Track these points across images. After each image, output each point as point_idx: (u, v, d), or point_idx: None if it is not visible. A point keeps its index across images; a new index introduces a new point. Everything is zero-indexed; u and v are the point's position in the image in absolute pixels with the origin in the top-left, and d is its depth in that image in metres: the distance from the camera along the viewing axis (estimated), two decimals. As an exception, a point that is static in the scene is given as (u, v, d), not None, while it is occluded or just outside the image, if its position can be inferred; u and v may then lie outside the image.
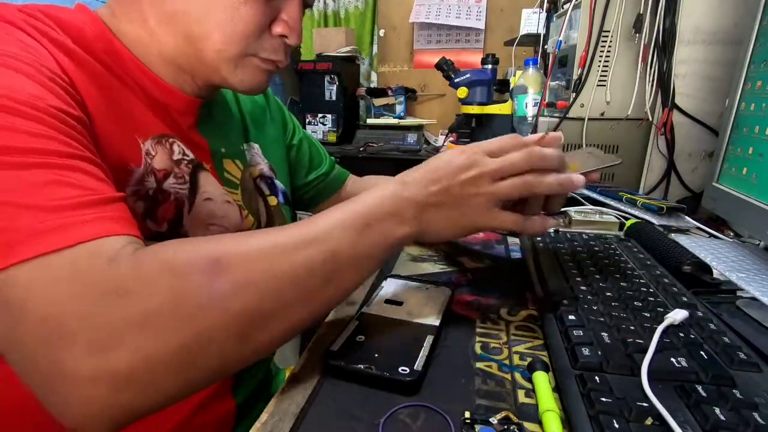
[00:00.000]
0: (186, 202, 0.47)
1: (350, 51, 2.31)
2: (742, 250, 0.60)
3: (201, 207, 0.48)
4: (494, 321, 0.43)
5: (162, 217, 0.45)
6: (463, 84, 1.75)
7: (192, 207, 0.48)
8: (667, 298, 0.42)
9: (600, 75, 0.88)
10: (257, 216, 0.56)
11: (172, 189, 0.46)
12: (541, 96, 1.05)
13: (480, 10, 2.40)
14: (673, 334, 0.36)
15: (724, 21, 0.78)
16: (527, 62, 1.17)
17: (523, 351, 0.38)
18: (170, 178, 0.46)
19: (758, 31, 0.57)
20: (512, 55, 1.58)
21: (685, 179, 0.84)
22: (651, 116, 0.84)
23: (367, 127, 2.31)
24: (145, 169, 0.43)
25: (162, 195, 0.45)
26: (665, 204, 0.71)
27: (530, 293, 0.49)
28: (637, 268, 0.50)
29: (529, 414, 0.31)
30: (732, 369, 0.33)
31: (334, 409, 0.31)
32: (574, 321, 0.38)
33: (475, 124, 1.78)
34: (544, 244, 0.58)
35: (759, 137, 0.55)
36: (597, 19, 0.85)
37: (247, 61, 0.46)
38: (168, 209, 0.45)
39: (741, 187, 0.57)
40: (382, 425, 0.29)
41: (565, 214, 0.77)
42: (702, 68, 0.80)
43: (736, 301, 0.47)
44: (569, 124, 0.91)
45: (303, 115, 2.33)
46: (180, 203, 0.46)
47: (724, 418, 0.27)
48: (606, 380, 0.30)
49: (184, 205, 0.47)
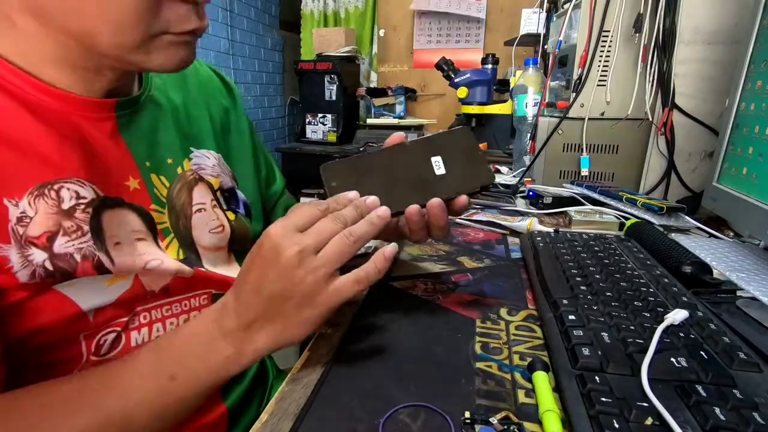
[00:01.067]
0: (100, 255, 0.39)
1: (350, 51, 2.31)
2: (742, 250, 0.60)
3: (117, 252, 0.41)
4: (494, 321, 0.43)
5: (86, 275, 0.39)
6: (463, 84, 1.75)
7: (111, 257, 0.40)
8: (667, 298, 0.42)
9: (600, 75, 0.88)
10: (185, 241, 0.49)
11: (68, 249, 0.37)
12: (541, 96, 1.05)
13: (480, 8, 2.40)
14: (673, 334, 0.36)
15: (724, 21, 0.78)
16: (527, 62, 1.17)
17: (523, 351, 0.38)
18: (59, 238, 0.37)
19: (758, 31, 0.57)
20: (512, 55, 1.58)
21: (685, 179, 0.84)
22: (651, 116, 0.84)
23: (367, 127, 2.31)
24: (19, 244, 0.35)
25: (63, 260, 0.37)
26: (665, 204, 0.71)
27: (530, 293, 0.49)
28: (637, 268, 0.50)
29: (529, 414, 0.31)
30: (732, 369, 0.33)
31: (334, 409, 0.31)
32: (574, 321, 0.38)
33: (475, 123, 1.78)
34: (545, 244, 0.58)
35: (759, 137, 0.55)
36: (597, 19, 0.85)
37: (159, 41, 0.37)
38: (85, 269, 0.38)
39: (741, 187, 0.57)
40: (382, 425, 0.29)
41: (565, 214, 0.77)
42: (702, 68, 0.80)
43: (736, 301, 0.47)
44: (569, 124, 0.91)
45: (303, 115, 2.33)
46: (93, 258, 0.39)
47: (724, 418, 0.27)
48: (606, 380, 0.30)
49: (100, 259, 0.39)
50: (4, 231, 0.35)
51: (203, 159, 0.53)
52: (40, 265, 0.36)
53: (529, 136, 1.07)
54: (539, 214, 0.81)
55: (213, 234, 0.51)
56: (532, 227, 0.69)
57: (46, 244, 0.36)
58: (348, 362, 0.37)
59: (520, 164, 1.17)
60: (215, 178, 0.53)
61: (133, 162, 0.44)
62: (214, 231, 0.52)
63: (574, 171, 0.94)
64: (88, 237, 0.39)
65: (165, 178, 0.48)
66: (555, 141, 0.93)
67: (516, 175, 1.12)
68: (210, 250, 0.51)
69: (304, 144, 2.40)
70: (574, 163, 0.93)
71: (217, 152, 0.55)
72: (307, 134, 2.31)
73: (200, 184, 0.51)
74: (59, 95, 0.39)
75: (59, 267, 0.37)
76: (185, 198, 0.49)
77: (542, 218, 0.80)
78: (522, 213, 0.81)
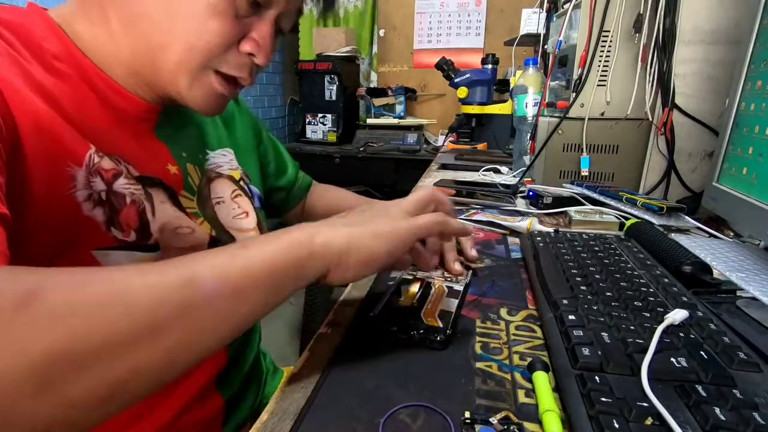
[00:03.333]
0: (146, 204, 0.44)
1: (350, 51, 2.31)
2: (742, 250, 0.60)
3: (162, 210, 0.45)
4: (494, 321, 0.43)
5: (126, 224, 0.42)
6: (463, 84, 1.75)
7: (154, 210, 0.44)
8: (667, 298, 0.42)
9: (600, 75, 0.88)
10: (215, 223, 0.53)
11: (125, 190, 0.42)
12: (541, 96, 1.05)
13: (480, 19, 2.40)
14: (673, 334, 0.36)
15: (724, 21, 0.78)
16: (527, 62, 1.17)
17: (523, 351, 0.38)
18: (121, 179, 0.42)
19: (758, 31, 0.57)
20: (512, 55, 1.58)
21: (685, 179, 0.84)
22: (651, 116, 0.84)
23: (367, 127, 2.32)
24: (88, 169, 0.39)
25: (116, 198, 0.41)
26: (665, 204, 0.71)
27: (530, 293, 0.49)
28: (637, 268, 0.50)
29: (529, 414, 0.31)
30: (732, 369, 0.33)
31: (334, 409, 0.31)
32: (574, 321, 0.38)
33: (475, 123, 1.79)
34: (545, 244, 0.58)
35: (759, 137, 0.55)
36: (597, 19, 0.85)
37: (206, 77, 0.43)
38: (129, 215, 0.42)
39: (741, 187, 0.57)
40: (382, 425, 0.29)
41: (565, 214, 0.77)
42: (702, 68, 0.80)
43: (736, 301, 0.47)
44: (569, 124, 0.91)
45: (303, 115, 2.33)
46: (139, 206, 0.43)
47: (724, 418, 0.27)
48: (606, 380, 0.30)
49: (144, 208, 0.43)
50: (81, 157, 0.39)
51: (219, 158, 0.57)
52: (97, 192, 0.40)
53: (529, 136, 1.07)
54: (539, 214, 0.81)
55: (239, 219, 0.56)
56: (532, 227, 0.69)
57: (110, 179, 0.41)
58: (348, 362, 0.37)
59: (520, 164, 1.17)
60: (235, 171, 0.58)
61: (170, 153, 0.49)
62: (239, 217, 0.56)
63: (574, 171, 0.94)
64: (140, 187, 0.44)
65: (198, 168, 0.53)
66: (555, 141, 0.93)
67: (516, 175, 1.13)
68: (243, 232, 0.55)
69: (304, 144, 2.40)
70: (574, 163, 0.93)
71: (230, 148, 0.59)
72: (307, 134, 2.31)
73: (219, 179, 0.55)
74: (120, 92, 0.44)
75: (111, 202, 0.41)
76: (206, 191, 0.53)
77: (542, 218, 0.80)
78: (522, 213, 0.81)
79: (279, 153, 0.75)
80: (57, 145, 0.38)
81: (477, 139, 1.81)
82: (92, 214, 0.40)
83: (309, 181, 0.81)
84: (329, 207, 0.80)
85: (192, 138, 0.54)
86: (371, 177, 2.18)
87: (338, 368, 0.36)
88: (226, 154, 0.58)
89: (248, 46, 0.43)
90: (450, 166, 1.36)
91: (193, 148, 0.53)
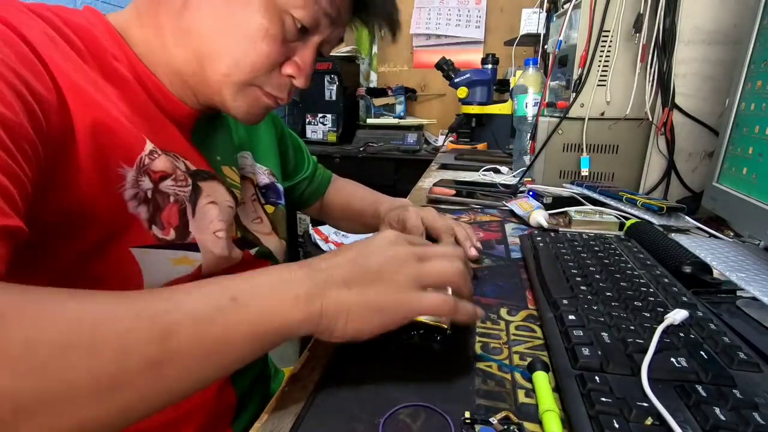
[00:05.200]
0: (188, 205, 0.45)
1: (350, 51, 2.31)
2: (742, 250, 0.60)
3: (204, 211, 0.46)
4: (494, 321, 0.43)
5: (167, 222, 0.43)
6: (463, 84, 1.75)
7: (195, 211, 0.45)
8: (667, 298, 0.42)
9: (600, 75, 0.88)
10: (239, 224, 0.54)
11: (170, 190, 0.44)
12: (541, 96, 1.05)
13: (480, 15, 2.40)
14: (673, 334, 0.36)
15: (724, 21, 0.78)
16: (527, 62, 1.17)
17: (523, 351, 0.38)
18: (168, 180, 0.43)
19: (758, 31, 0.57)
20: (512, 55, 1.58)
21: (685, 179, 0.84)
22: (651, 116, 0.84)
23: (367, 127, 2.31)
24: (138, 170, 0.41)
25: (161, 197, 0.43)
26: (665, 204, 0.71)
27: (530, 293, 0.49)
28: (637, 268, 0.50)
29: (529, 414, 0.31)
30: (732, 369, 0.33)
31: (334, 409, 0.31)
32: (574, 321, 0.38)
33: (475, 123, 1.79)
34: (544, 244, 0.58)
35: (759, 137, 0.55)
36: (597, 19, 0.85)
37: (250, 91, 0.46)
38: (171, 214, 0.43)
39: (741, 187, 0.57)
40: (382, 425, 0.29)
41: (565, 214, 0.77)
42: (702, 68, 0.80)
43: (736, 301, 0.47)
44: (569, 124, 0.91)
45: (303, 115, 2.33)
46: (181, 205, 0.44)
47: (724, 418, 0.27)
48: (606, 380, 0.30)
49: (186, 207, 0.45)
50: (133, 157, 0.40)
51: (242, 160, 0.59)
52: (143, 191, 0.41)
53: (529, 136, 1.07)
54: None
55: (255, 224, 0.57)
56: (535, 218, 0.72)
57: (157, 179, 0.42)
58: (348, 362, 0.37)
59: (520, 164, 1.17)
60: (254, 176, 0.60)
61: (204, 159, 0.50)
62: (255, 222, 0.57)
63: (574, 171, 0.94)
64: (189, 188, 0.45)
65: (235, 167, 0.55)
66: (555, 141, 0.93)
67: (516, 175, 1.12)
68: (263, 234, 0.57)
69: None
70: (574, 163, 0.93)
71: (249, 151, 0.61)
72: (307, 134, 2.30)
73: (244, 181, 0.57)
74: (169, 97, 0.46)
75: (155, 201, 0.42)
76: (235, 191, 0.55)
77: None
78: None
79: (299, 149, 0.76)
80: (112, 146, 0.38)
81: (477, 139, 1.81)
82: (136, 212, 0.41)
83: (329, 176, 0.82)
84: (347, 204, 0.82)
85: (222, 142, 0.55)
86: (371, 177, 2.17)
87: (338, 368, 0.36)
88: (246, 156, 0.60)
89: (290, 69, 0.46)
90: (450, 166, 1.36)
91: (226, 151, 0.55)
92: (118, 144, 0.39)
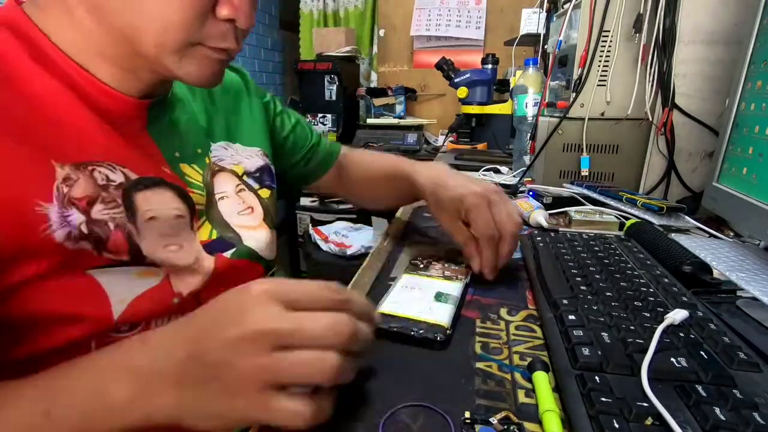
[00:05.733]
0: (130, 226, 0.41)
1: (350, 51, 2.31)
2: (742, 250, 0.60)
3: (147, 229, 0.42)
4: (494, 321, 0.43)
5: (117, 249, 0.40)
6: (463, 84, 1.75)
7: (139, 231, 0.41)
8: (667, 298, 0.42)
9: (600, 75, 0.88)
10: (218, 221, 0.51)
11: (105, 216, 0.39)
12: (541, 96, 1.05)
13: (480, 15, 2.40)
14: (673, 334, 0.36)
15: (724, 21, 0.78)
16: (527, 62, 1.17)
17: (523, 351, 0.38)
18: (97, 204, 0.39)
19: (758, 31, 0.57)
20: (512, 55, 1.58)
21: (685, 179, 0.84)
22: (651, 116, 0.84)
23: (367, 127, 2.31)
24: (60, 203, 0.36)
25: (99, 226, 0.38)
26: (665, 204, 0.71)
27: (530, 293, 0.49)
28: (637, 268, 0.50)
29: (529, 414, 0.31)
30: (732, 369, 0.33)
31: (334, 409, 0.31)
32: (574, 321, 0.38)
33: (475, 123, 1.79)
34: (545, 244, 0.58)
35: (759, 137, 0.55)
36: (597, 19, 0.85)
37: (194, 51, 0.40)
38: (117, 240, 0.39)
39: (741, 187, 0.57)
40: (382, 425, 0.29)
41: (565, 214, 0.77)
42: (702, 68, 0.80)
43: (736, 301, 0.47)
44: (569, 124, 0.91)
45: (303, 115, 2.33)
46: (124, 229, 0.40)
47: (724, 418, 0.27)
48: (606, 380, 0.30)
49: (130, 231, 0.41)
50: (49, 190, 0.36)
51: (221, 151, 0.55)
52: (76, 227, 0.37)
53: (529, 136, 1.07)
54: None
55: (243, 215, 0.54)
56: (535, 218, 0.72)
57: (85, 207, 0.38)
58: (348, 362, 0.37)
59: (520, 164, 1.17)
60: (237, 166, 0.56)
61: (162, 155, 0.46)
62: (244, 213, 0.54)
63: (574, 171, 0.94)
64: (121, 209, 0.40)
65: (197, 165, 0.50)
66: (555, 141, 0.93)
67: (516, 175, 1.12)
68: (248, 229, 0.53)
69: (304, 144, 2.38)
70: (574, 163, 0.93)
71: (233, 143, 0.57)
72: (307, 134, 2.31)
73: (222, 173, 0.53)
74: (102, 89, 0.41)
75: (94, 232, 0.38)
76: (211, 186, 0.52)
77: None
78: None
79: (298, 124, 0.72)
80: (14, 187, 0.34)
81: (477, 139, 1.81)
82: (79, 247, 0.37)
83: (337, 148, 0.77)
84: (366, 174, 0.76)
85: (186, 131, 0.51)
86: (371, 177, 2.17)
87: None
88: (227, 147, 0.56)
89: (225, 10, 0.39)
90: (450, 166, 1.36)
91: (189, 145, 0.51)
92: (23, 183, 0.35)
